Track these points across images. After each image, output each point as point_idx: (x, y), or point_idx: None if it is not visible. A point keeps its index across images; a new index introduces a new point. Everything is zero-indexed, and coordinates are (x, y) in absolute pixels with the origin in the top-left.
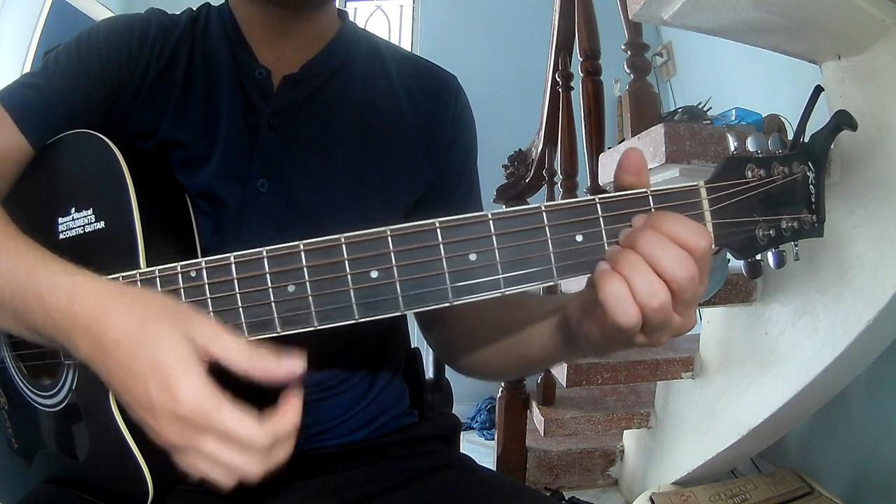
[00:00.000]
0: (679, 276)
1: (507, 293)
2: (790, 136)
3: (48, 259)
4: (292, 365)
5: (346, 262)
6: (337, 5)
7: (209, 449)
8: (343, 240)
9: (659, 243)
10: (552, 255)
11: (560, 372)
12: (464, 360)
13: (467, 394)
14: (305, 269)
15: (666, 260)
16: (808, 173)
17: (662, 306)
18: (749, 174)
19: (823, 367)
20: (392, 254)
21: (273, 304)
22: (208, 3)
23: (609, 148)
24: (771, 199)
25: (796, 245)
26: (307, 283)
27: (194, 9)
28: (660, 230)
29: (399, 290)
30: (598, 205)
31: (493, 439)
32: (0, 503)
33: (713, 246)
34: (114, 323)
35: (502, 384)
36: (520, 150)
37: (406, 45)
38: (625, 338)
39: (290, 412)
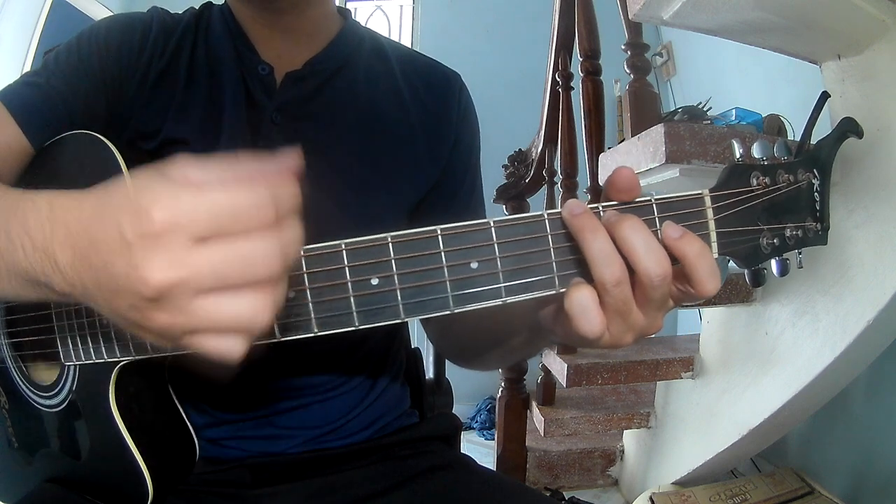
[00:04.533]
0: (653, 271)
1: (508, 301)
2: (790, 136)
3: (32, 192)
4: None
5: (347, 268)
6: (337, 4)
7: (208, 307)
8: (344, 246)
9: (640, 233)
10: (554, 263)
11: (560, 372)
12: (454, 348)
13: (467, 394)
14: (305, 275)
15: (643, 251)
16: (814, 181)
17: (625, 299)
18: (754, 182)
19: (823, 367)
20: (393, 261)
21: None
22: (210, 2)
23: (609, 148)
24: (775, 206)
25: (800, 253)
26: (307, 290)
27: (196, 8)
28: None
29: (400, 298)
30: (601, 213)
31: (493, 439)
32: (0, 503)
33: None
34: (87, 205)
35: (502, 384)
36: (520, 150)
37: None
38: (588, 342)
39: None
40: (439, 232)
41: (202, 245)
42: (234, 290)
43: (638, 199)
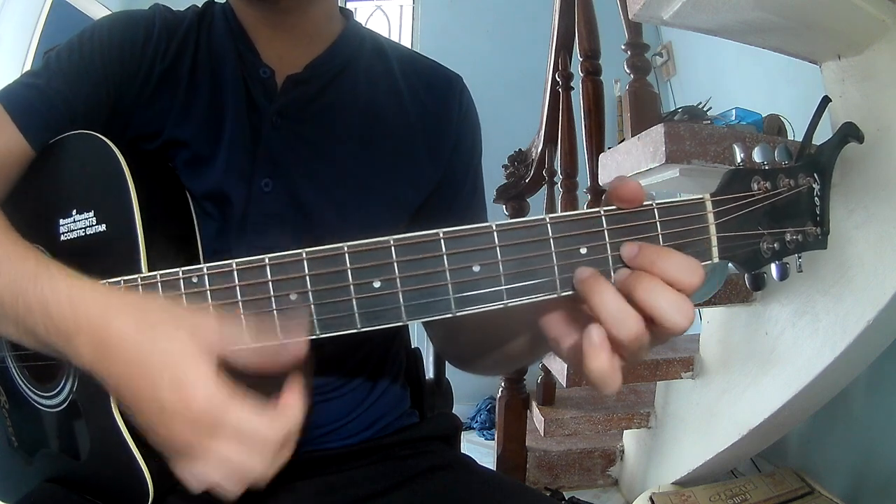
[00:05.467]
0: (681, 323)
1: (509, 305)
2: (790, 136)
3: (50, 264)
4: (297, 348)
5: (349, 271)
6: (339, 4)
7: (221, 450)
8: (346, 249)
9: (659, 292)
10: (556, 267)
11: (560, 372)
12: (457, 353)
13: (467, 394)
14: (308, 277)
15: (665, 305)
16: (814, 185)
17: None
18: (755, 186)
19: (823, 367)
20: (395, 264)
21: (275, 311)
22: (213, 0)
23: (609, 148)
24: (776, 211)
25: (800, 257)
26: (309, 292)
27: (198, 6)
28: (659, 275)
29: (402, 301)
30: (604, 217)
31: (493, 439)
32: (0, 502)
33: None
34: (117, 325)
35: (502, 384)
36: (520, 150)
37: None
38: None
39: (295, 403)
40: (441, 235)
41: (220, 438)
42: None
43: (640, 205)
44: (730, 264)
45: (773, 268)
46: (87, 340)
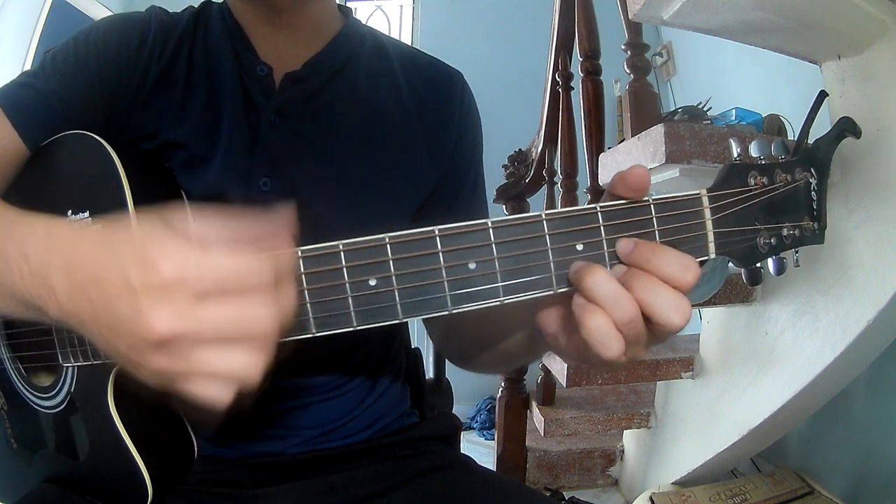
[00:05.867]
0: (677, 321)
1: (506, 302)
2: (790, 137)
3: (31, 215)
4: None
5: (345, 269)
6: (338, 2)
7: (205, 357)
8: (342, 247)
9: (654, 289)
10: (552, 263)
11: (560, 372)
12: (456, 351)
13: (467, 394)
14: (304, 276)
15: (662, 303)
16: (811, 180)
17: (637, 332)
18: (752, 181)
19: (823, 367)
20: (391, 261)
21: None
22: (209, 0)
23: (609, 148)
24: (773, 206)
25: (797, 252)
26: (305, 291)
27: (195, 7)
28: (654, 273)
29: (398, 298)
30: (600, 213)
31: (493, 439)
32: (0, 503)
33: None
34: (89, 243)
35: (502, 384)
36: (520, 150)
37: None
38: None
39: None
40: (437, 232)
41: (205, 301)
42: (231, 344)
43: (636, 200)
44: (730, 264)
45: (771, 263)
46: (61, 270)
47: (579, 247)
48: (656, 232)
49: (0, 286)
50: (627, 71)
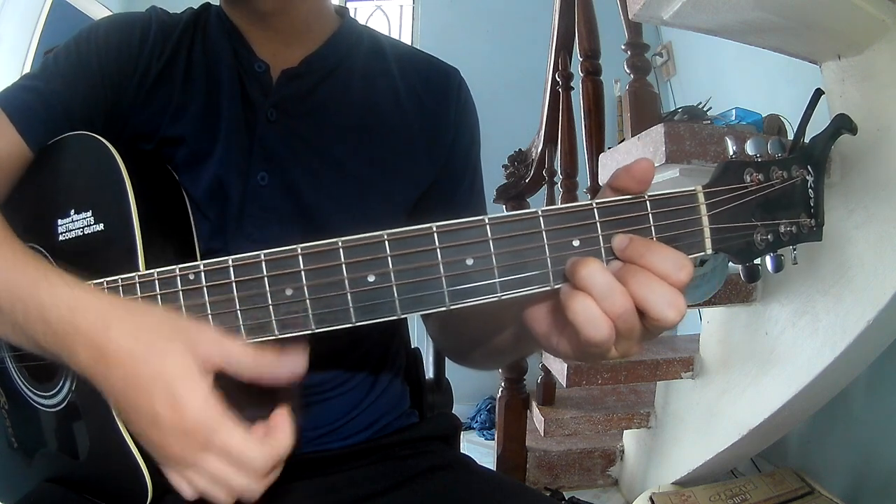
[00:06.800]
0: (671, 317)
1: (503, 297)
2: (790, 137)
3: (49, 271)
4: (295, 364)
5: (344, 265)
6: (337, 3)
7: (210, 465)
8: (340, 244)
9: (649, 284)
10: (549, 259)
11: (560, 372)
12: (452, 346)
13: (467, 394)
14: (303, 272)
15: (656, 298)
16: (808, 177)
17: (630, 326)
18: (748, 178)
19: (823, 367)
20: (389, 258)
21: (271, 307)
22: (209, 2)
23: (609, 148)
24: (770, 203)
25: (794, 249)
26: (304, 287)
27: (195, 8)
28: (648, 268)
29: (396, 294)
30: (596, 210)
31: (493, 439)
32: (0, 502)
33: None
34: (115, 335)
35: (502, 384)
36: (520, 150)
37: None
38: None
39: (284, 427)
40: (435, 229)
41: (209, 452)
42: (215, 483)
43: (632, 197)
44: (730, 265)
45: (768, 259)
46: (85, 347)
47: (576, 243)
48: (652, 228)
49: (17, 331)
50: (627, 71)
